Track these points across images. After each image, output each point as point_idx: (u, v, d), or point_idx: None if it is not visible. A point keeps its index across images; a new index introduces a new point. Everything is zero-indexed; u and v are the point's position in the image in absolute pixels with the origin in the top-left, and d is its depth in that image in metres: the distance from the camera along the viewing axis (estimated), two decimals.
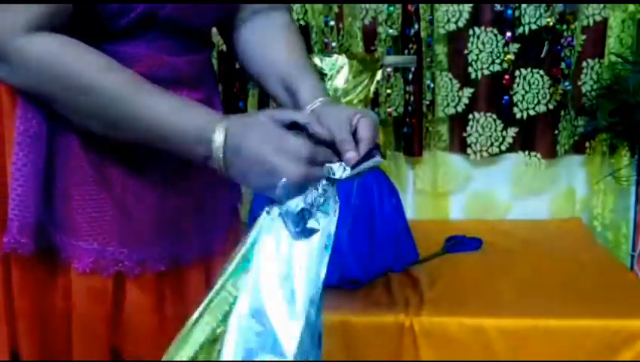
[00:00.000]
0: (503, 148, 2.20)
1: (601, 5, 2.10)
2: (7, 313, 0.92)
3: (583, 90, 2.17)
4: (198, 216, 1.00)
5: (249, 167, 0.79)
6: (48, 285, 0.92)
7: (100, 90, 0.82)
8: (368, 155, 0.82)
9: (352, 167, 0.80)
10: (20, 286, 0.90)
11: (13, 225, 0.86)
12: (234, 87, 2.17)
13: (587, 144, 2.21)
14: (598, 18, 2.12)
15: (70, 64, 0.82)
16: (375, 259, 1.77)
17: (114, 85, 0.82)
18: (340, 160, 0.81)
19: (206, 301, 0.79)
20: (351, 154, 0.81)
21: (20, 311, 0.91)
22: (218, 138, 0.79)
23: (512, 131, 2.19)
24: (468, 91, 2.17)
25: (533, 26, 2.10)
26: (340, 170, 0.80)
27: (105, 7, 0.84)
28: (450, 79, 2.17)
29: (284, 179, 0.76)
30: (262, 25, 1.03)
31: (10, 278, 0.90)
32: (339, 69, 1.71)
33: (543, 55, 2.12)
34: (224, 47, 1.87)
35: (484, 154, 2.21)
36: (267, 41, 1.01)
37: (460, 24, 2.12)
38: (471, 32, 2.12)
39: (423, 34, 2.11)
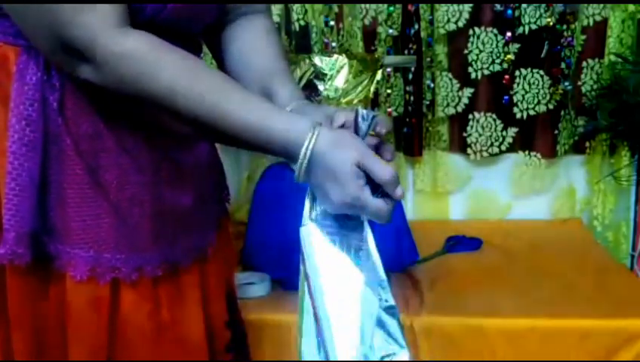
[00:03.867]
0: (503, 148, 2.20)
1: (601, 5, 2.10)
2: (2, 322, 0.91)
3: (583, 90, 2.17)
4: (194, 219, 1.00)
5: (326, 183, 0.82)
6: (43, 294, 0.91)
7: (185, 93, 0.82)
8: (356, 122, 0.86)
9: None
10: (15, 296, 0.90)
11: (10, 235, 0.85)
12: None
13: (587, 144, 2.20)
14: (598, 18, 2.11)
15: (160, 62, 0.82)
16: None
17: (201, 88, 0.82)
18: None
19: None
20: None
21: (15, 321, 0.91)
22: (304, 153, 0.81)
23: (512, 131, 2.19)
24: (468, 91, 2.17)
25: (533, 26, 2.09)
26: None
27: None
28: (450, 79, 2.16)
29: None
30: (244, 29, 1.03)
31: (4, 288, 0.90)
32: (339, 69, 1.71)
33: (543, 55, 2.12)
34: None
35: (484, 154, 2.20)
36: (248, 48, 1.02)
37: (460, 24, 2.12)
38: (471, 32, 2.12)
39: (423, 34, 2.11)
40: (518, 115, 2.16)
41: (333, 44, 2.12)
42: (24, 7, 0.82)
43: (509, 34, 2.10)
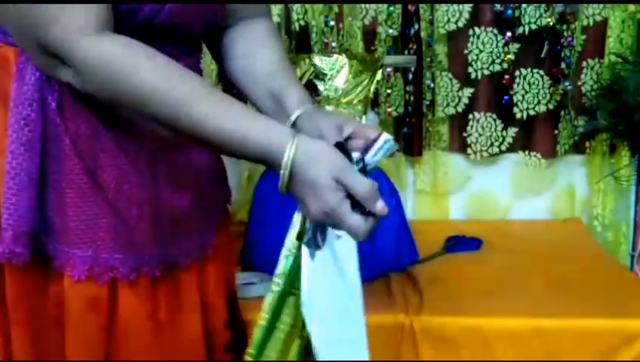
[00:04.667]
0: (503, 148, 2.20)
1: (601, 5, 2.10)
2: (2, 322, 0.91)
3: (583, 90, 2.17)
4: (192, 219, 1.00)
5: (305, 194, 0.80)
6: (41, 293, 0.91)
7: (161, 99, 0.80)
8: (373, 144, 0.84)
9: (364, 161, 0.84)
10: (14, 295, 0.90)
11: (7, 234, 0.85)
12: (233, 88, 2.17)
13: (587, 144, 2.20)
14: (598, 18, 2.11)
15: (135, 68, 0.80)
16: (375, 259, 1.76)
17: (177, 94, 0.81)
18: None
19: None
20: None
21: (13, 321, 0.91)
22: (285, 164, 0.79)
23: (512, 131, 2.19)
24: (468, 91, 2.17)
25: (533, 26, 2.09)
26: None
27: (116, 9, 0.84)
28: (450, 79, 2.16)
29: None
30: (246, 33, 1.03)
31: (3, 287, 0.90)
32: (339, 69, 1.71)
33: (543, 55, 2.12)
34: None
35: (484, 154, 2.20)
36: (251, 51, 1.01)
37: (460, 24, 2.12)
38: (471, 32, 2.12)
39: (423, 34, 2.11)
40: (518, 115, 2.16)
41: (333, 44, 2.12)
42: (5, 8, 0.82)
43: (509, 34, 2.10)
